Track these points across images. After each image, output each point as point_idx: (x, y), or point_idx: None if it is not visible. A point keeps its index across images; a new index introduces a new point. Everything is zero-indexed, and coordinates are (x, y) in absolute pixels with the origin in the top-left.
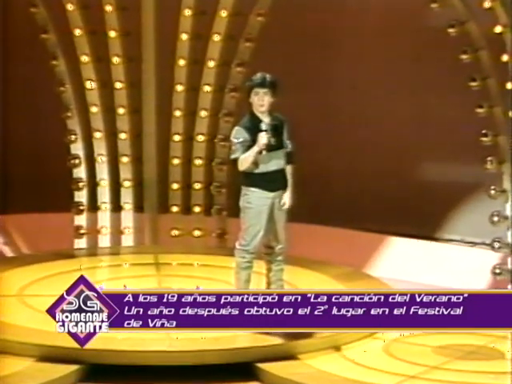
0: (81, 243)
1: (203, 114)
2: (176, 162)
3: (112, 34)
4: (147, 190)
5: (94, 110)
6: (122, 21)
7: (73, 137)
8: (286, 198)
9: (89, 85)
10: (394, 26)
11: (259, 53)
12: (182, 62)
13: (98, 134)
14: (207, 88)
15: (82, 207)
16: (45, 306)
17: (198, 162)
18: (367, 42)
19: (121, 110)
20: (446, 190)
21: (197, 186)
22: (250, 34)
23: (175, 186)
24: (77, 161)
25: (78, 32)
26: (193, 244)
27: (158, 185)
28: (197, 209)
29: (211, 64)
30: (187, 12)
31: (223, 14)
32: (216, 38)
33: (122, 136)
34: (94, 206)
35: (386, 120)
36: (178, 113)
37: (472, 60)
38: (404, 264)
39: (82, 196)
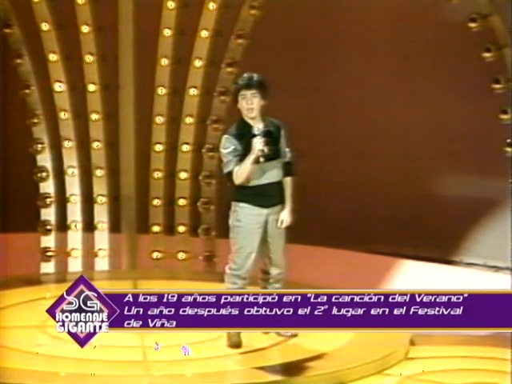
0: (48, 267)
1: (189, 120)
2: (158, 175)
3: (84, 28)
4: (125, 207)
5: (63, 115)
6: (95, 14)
7: (39, 146)
8: (285, 215)
9: (58, 87)
10: (407, 20)
11: (252, 51)
12: (164, 62)
13: (67, 143)
14: (193, 91)
15: (49, 226)
16: (6, 340)
17: (182, 175)
18: (375, 38)
19: (94, 116)
20: (466, 207)
21: (181, 202)
22: (241, 29)
23: (157, 202)
24: (44, 174)
25: (45, 26)
26: (177, 268)
27: (136, 201)
28: (181, 228)
29: (198, 63)
30: (170, 5)
31: (211, 6)
32: (203, 34)
33: (96, 145)
34: (63, 225)
35: (397, 126)
36: (159, 119)
37: (495, 59)
38: None
39: (49, 214)
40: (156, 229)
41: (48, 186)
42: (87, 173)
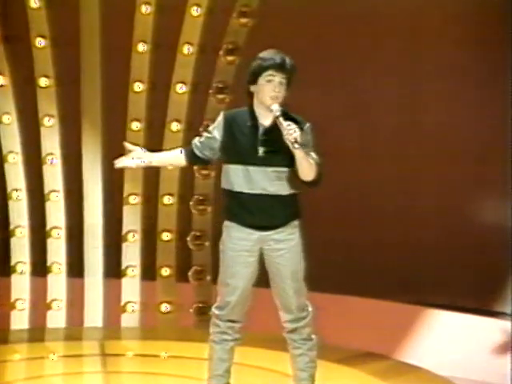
0: None
1: (176, 126)
2: (134, 199)
3: (34, 3)
4: (89, 243)
5: (6, 119)
6: None
7: None
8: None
9: None
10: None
11: (259, 34)
12: (142, 47)
13: (13, 157)
14: (181, 87)
15: None
16: None
17: (167, 199)
18: (425, 22)
19: (48, 121)
20: None
21: (166, 236)
22: (246, 6)
23: (133, 236)
24: None
25: None
26: (159, 325)
27: (105, 235)
28: (165, 271)
29: (187, 50)
30: None
31: None
32: (194, 11)
33: (50, 159)
34: (5, 268)
35: (450, 131)
36: (136, 125)
37: None
38: (462, 349)
39: None
40: (131, 272)
41: None
42: (38, 196)
